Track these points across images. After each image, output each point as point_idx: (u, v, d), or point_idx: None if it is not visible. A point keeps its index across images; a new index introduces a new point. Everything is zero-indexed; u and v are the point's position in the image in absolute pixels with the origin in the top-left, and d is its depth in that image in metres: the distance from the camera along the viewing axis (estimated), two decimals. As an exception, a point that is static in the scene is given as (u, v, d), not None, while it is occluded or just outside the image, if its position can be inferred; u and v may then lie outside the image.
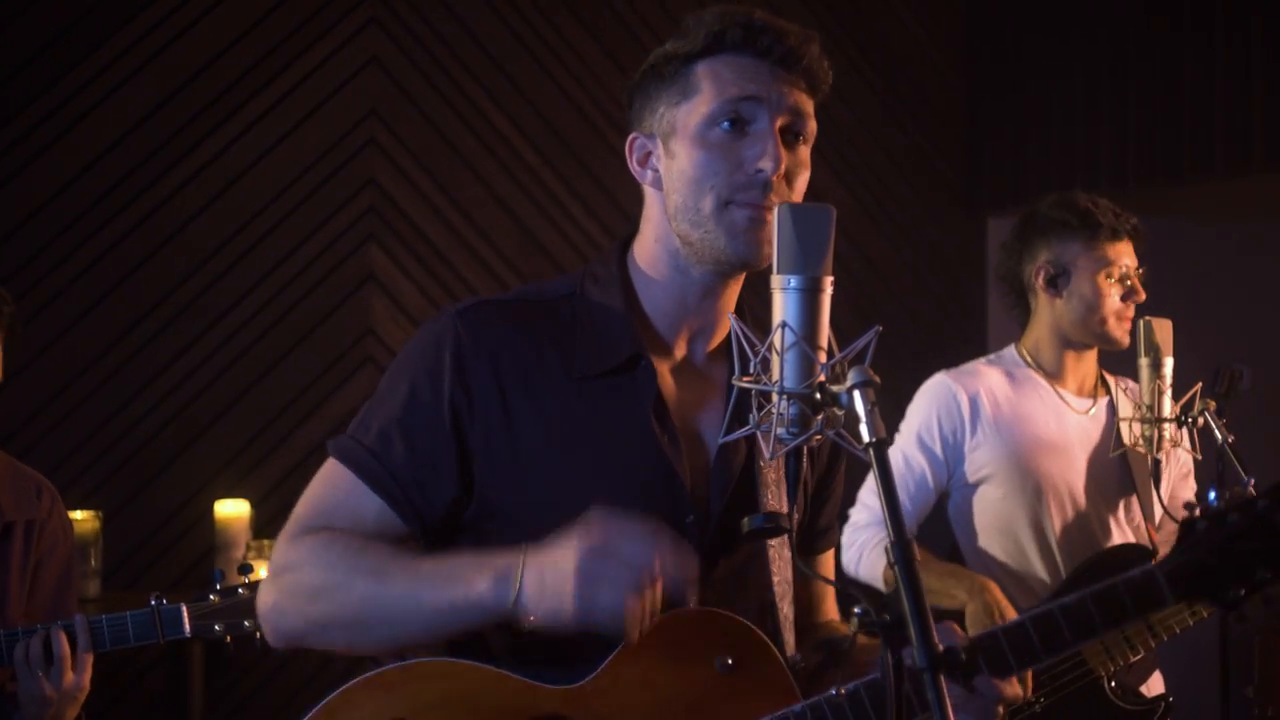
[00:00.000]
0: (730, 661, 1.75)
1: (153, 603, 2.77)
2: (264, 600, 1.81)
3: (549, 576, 1.66)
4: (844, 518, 3.25)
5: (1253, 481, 2.17)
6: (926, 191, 5.51)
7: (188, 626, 2.76)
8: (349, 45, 4.62)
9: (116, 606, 2.81)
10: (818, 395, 1.49)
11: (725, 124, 1.74)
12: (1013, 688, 1.78)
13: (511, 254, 4.80)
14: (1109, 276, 3.13)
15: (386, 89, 4.66)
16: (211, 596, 2.77)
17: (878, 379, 1.46)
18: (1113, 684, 2.93)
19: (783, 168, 1.73)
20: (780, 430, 1.51)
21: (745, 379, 1.54)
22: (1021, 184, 5.34)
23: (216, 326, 4.48)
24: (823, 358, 1.52)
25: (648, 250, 1.84)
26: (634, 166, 1.85)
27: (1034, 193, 5.11)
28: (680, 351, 1.86)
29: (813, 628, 1.99)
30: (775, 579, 1.85)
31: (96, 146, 4.37)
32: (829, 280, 1.54)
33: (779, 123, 1.75)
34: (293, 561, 1.78)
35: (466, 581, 1.69)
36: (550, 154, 4.87)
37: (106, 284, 4.38)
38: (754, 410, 1.55)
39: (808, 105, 1.78)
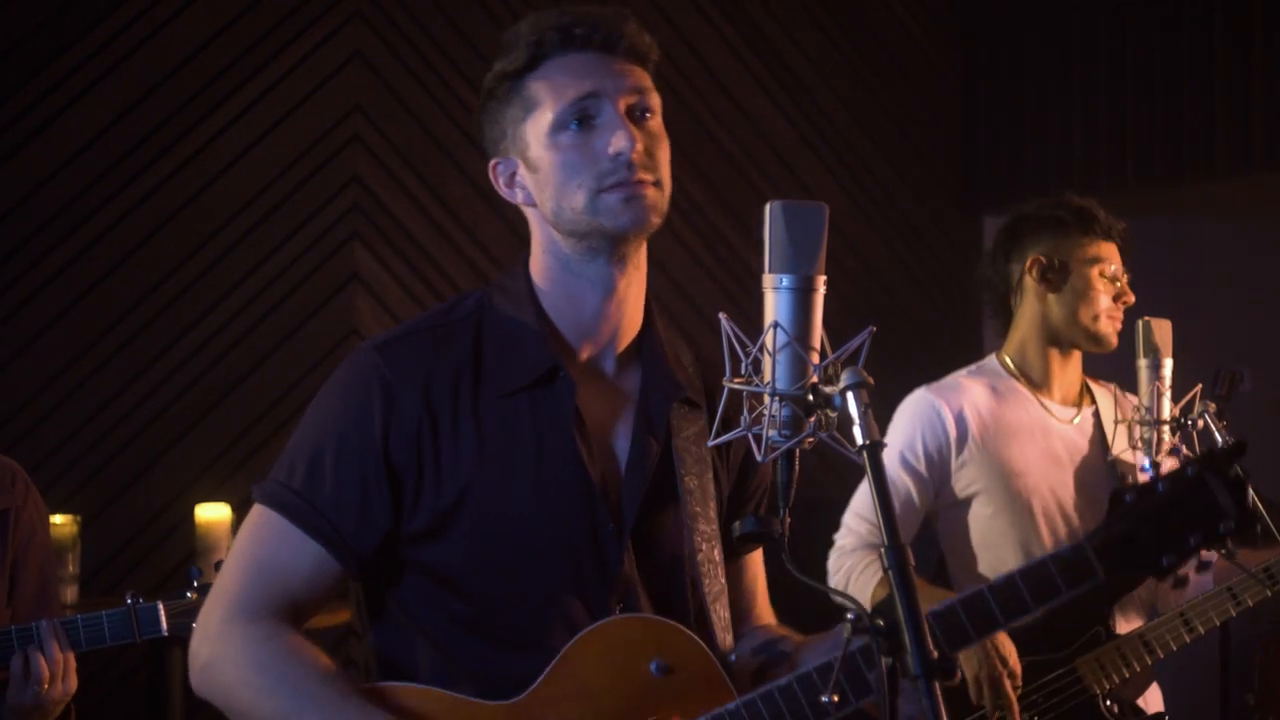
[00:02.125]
0: (665, 664, 1.78)
1: (129, 601, 2.72)
2: (198, 653, 1.83)
3: None
4: (829, 542, 3.20)
5: (1184, 449, 2.20)
6: (922, 191, 5.49)
7: (165, 625, 2.71)
8: (332, 40, 4.57)
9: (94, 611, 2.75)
10: (810, 397, 1.49)
11: (573, 125, 1.78)
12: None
13: (498, 252, 4.75)
14: (1102, 274, 3.10)
15: (371, 84, 4.61)
16: (189, 594, 2.73)
17: (871, 380, 1.45)
18: (1109, 701, 2.90)
19: (640, 145, 1.75)
20: (772, 433, 1.50)
21: (737, 380, 1.53)
22: (1018, 184, 5.34)
23: (197, 327, 4.43)
24: (815, 359, 1.51)
25: (540, 264, 1.87)
26: (503, 190, 1.88)
27: (1031, 193, 5.10)
28: (588, 360, 1.88)
29: (750, 634, 1.98)
30: (706, 580, 1.86)
31: (72, 145, 4.31)
32: (822, 279, 1.53)
33: (622, 106, 1.78)
34: (229, 641, 1.80)
35: None
36: (537, 151, 4.82)
37: (83, 284, 4.32)
38: (746, 412, 1.53)
39: (644, 79, 1.81)
